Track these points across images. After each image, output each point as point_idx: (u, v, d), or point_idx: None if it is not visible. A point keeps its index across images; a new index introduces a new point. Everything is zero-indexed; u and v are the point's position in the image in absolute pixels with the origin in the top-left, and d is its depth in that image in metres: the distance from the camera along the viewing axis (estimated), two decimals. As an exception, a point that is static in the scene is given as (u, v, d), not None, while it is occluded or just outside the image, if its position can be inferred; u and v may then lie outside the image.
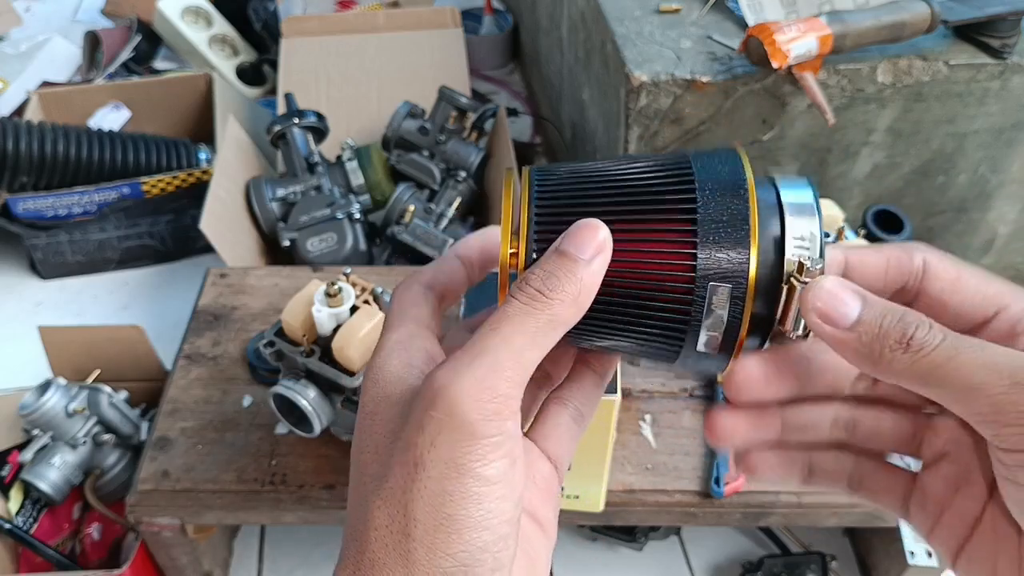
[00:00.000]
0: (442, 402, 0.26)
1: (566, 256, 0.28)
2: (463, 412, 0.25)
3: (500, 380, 0.26)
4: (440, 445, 0.25)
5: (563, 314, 0.27)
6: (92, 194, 1.53)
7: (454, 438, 0.25)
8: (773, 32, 1.03)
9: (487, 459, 0.25)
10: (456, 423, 0.25)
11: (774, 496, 0.92)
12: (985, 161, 1.26)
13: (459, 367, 0.26)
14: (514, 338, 0.27)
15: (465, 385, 0.26)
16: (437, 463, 0.25)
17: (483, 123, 1.53)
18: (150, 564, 1.02)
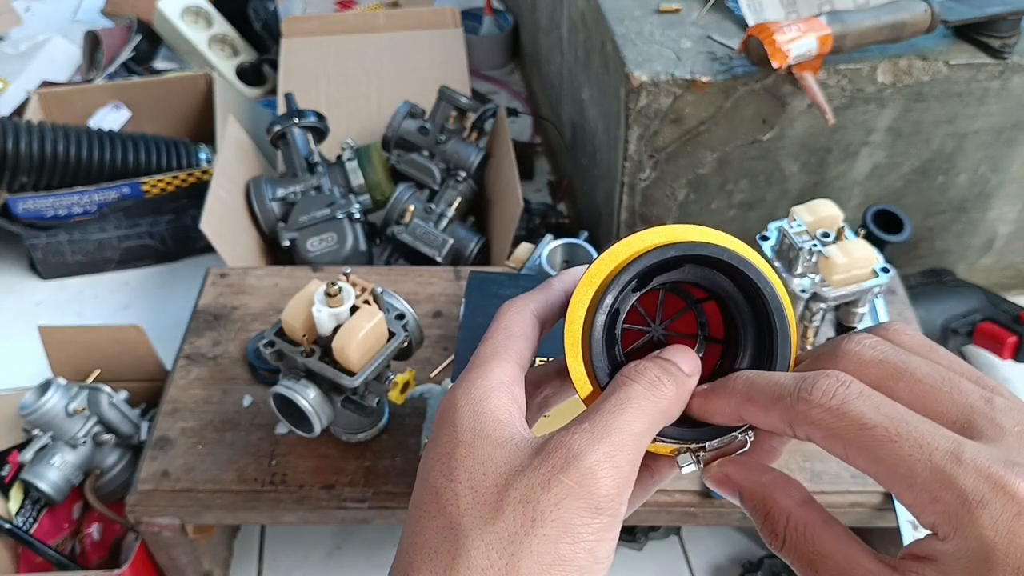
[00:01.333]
0: (575, 469, 0.26)
1: (669, 363, 0.30)
2: (597, 485, 0.26)
3: (624, 461, 0.27)
4: (565, 509, 0.26)
5: (670, 410, 0.29)
6: (92, 194, 1.53)
7: (580, 506, 0.26)
8: (773, 32, 1.03)
9: (602, 537, 0.26)
10: (586, 493, 0.26)
11: (774, 496, 0.92)
12: (985, 161, 1.26)
13: (593, 439, 0.27)
14: (636, 421, 0.28)
15: (598, 458, 0.26)
16: (557, 524, 0.26)
17: (483, 123, 1.53)
18: (150, 564, 1.02)
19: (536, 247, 1.06)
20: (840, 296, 0.94)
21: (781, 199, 1.27)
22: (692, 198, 1.25)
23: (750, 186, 1.25)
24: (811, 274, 0.95)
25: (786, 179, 1.25)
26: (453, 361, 1.04)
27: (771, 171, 1.23)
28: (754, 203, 1.28)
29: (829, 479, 0.93)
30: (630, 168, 1.20)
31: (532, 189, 1.76)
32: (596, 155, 1.37)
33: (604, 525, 0.26)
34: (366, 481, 0.93)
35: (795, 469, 0.94)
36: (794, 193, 1.27)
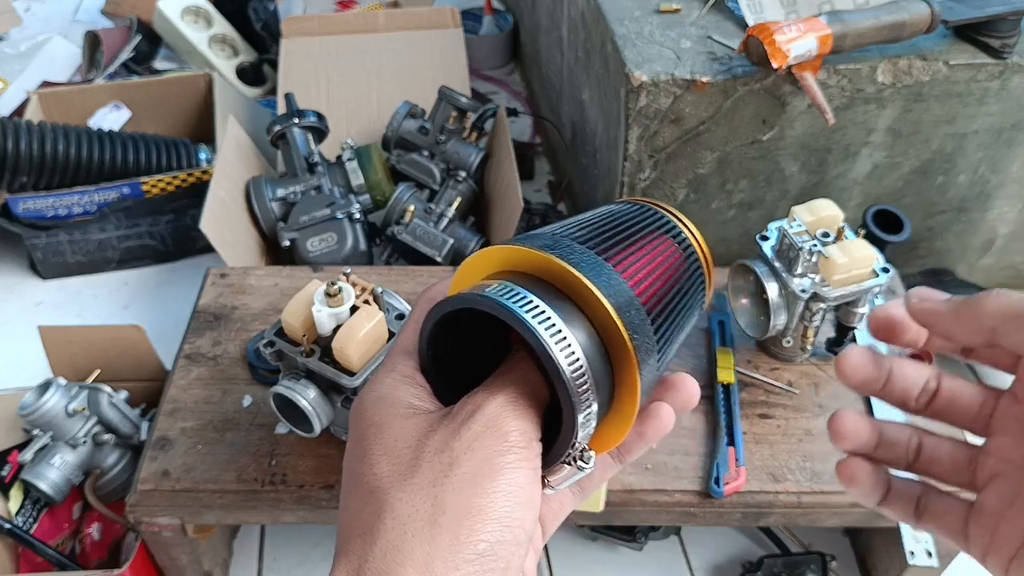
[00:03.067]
0: (481, 416, 0.29)
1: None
2: (501, 423, 0.28)
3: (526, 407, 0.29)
4: (478, 448, 0.28)
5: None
6: (92, 194, 1.53)
7: (490, 443, 0.28)
8: (773, 32, 1.03)
9: (519, 465, 0.28)
10: (493, 432, 0.28)
11: (774, 496, 0.92)
12: (985, 161, 1.26)
13: (493, 391, 0.30)
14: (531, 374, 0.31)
15: (501, 402, 0.29)
16: (472, 461, 0.27)
17: (483, 123, 1.53)
18: (150, 564, 1.02)
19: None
20: (840, 296, 0.95)
21: (781, 199, 1.27)
22: (692, 198, 1.25)
23: (750, 186, 1.25)
24: (811, 274, 0.95)
25: (786, 179, 1.25)
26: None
27: (771, 171, 1.23)
28: (754, 203, 1.28)
29: (829, 478, 0.93)
30: (630, 168, 1.20)
31: (532, 189, 1.76)
32: (596, 155, 1.37)
33: (519, 458, 0.28)
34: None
35: (795, 469, 0.94)
36: (794, 193, 1.27)
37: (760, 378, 1.03)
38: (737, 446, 0.95)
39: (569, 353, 0.28)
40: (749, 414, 0.99)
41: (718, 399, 0.99)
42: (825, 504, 0.92)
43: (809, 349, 1.02)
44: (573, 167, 1.61)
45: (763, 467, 0.94)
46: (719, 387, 1.01)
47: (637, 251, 0.33)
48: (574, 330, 0.28)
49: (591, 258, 0.30)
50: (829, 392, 1.02)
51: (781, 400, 1.01)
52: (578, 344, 0.28)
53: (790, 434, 0.97)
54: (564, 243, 0.30)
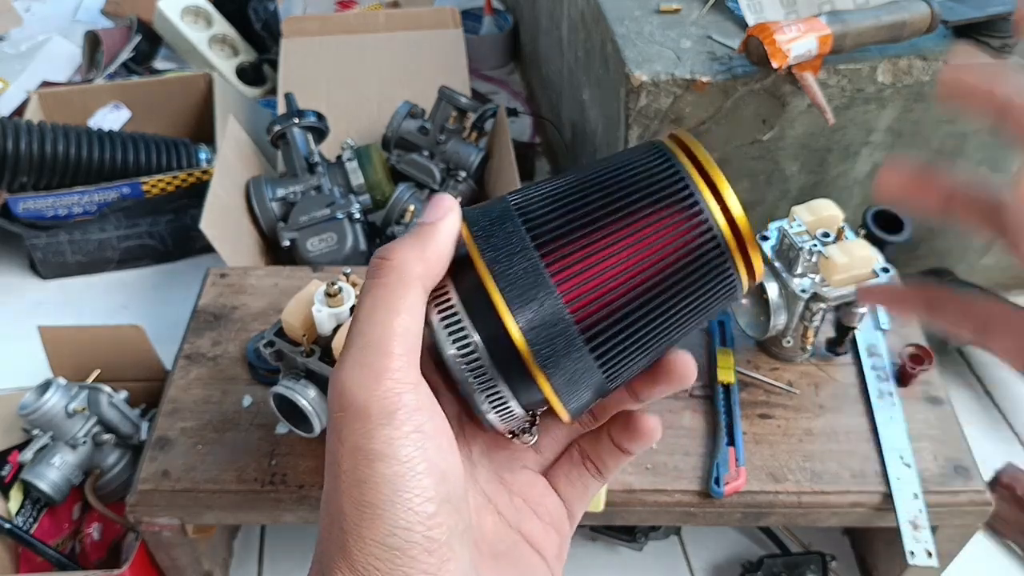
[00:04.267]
0: (339, 398, 0.26)
1: (415, 226, 0.29)
2: (355, 398, 0.25)
3: (381, 356, 0.26)
4: (347, 438, 0.25)
5: (409, 269, 0.27)
6: (92, 194, 1.53)
7: (355, 427, 0.25)
8: (773, 32, 1.03)
9: (392, 438, 0.25)
10: (352, 410, 0.25)
11: (774, 496, 0.92)
12: (985, 161, 1.26)
13: (343, 361, 0.26)
14: (375, 313, 0.26)
15: (351, 373, 0.26)
16: (348, 455, 0.25)
17: (483, 123, 1.53)
18: (150, 564, 1.02)
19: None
20: (840, 296, 0.94)
21: (781, 199, 1.27)
22: (692, 198, 1.25)
23: (750, 186, 1.25)
24: (811, 274, 0.95)
25: (786, 179, 1.25)
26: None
27: (771, 171, 1.23)
28: (754, 203, 1.28)
29: (829, 479, 0.93)
30: (630, 168, 1.20)
31: (532, 189, 1.75)
32: (596, 155, 1.37)
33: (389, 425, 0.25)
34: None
35: (795, 469, 0.94)
36: (794, 193, 1.27)
37: (760, 378, 1.03)
38: (737, 446, 0.95)
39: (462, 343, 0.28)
40: (749, 414, 0.99)
41: (718, 399, 0.99)
42: (825, 504, 0.92)
43: (809, 349, 1.02)
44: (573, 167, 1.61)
45: (763, 467, 0.94)
46: (719, 387, 1.01)
47: (607, 242, 0.28)
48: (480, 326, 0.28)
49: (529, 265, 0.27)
50: (829, 392, 1.02)
51: (781, 400, 1.01)
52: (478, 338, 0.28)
53: (790, 434, 0.97)
54: (512, 240, 0.28)
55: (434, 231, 0.28)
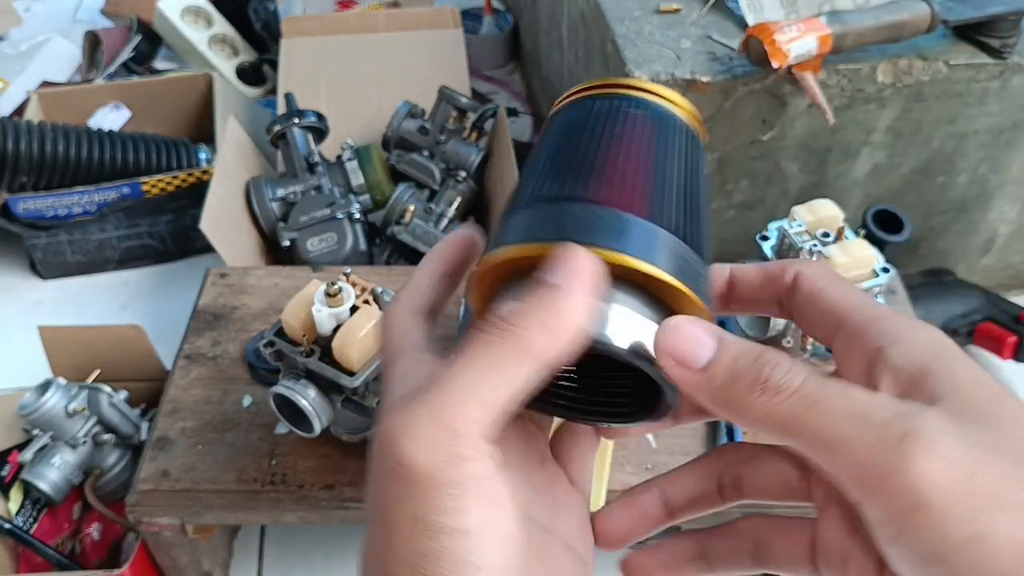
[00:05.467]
0: (394, 450, 0.23)
1: (540, 283, 0.24)
2: (416, 461, 0.23)
3: (457, 419, 0.23)
4: (403, 500, 0.23)
5: (536, 343, 0.24)
6: (92, 194, 1.53)
7: (413, 491, 0.23)
8: (773, 32, 1.03)
9: (457, 510, 0.23)
10: (412, 474, 0.23)
11: (774, 496, 0.92)
12: (985, 161, 1.26)
13: (409, 409, 0.23)
14: (471, 372, 0.23)
15: (415, 429, 0.23)
16: (405, 522, 0.23)
17: (483, 123, 1.53)
18: (150, 564, 1.02)
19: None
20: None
21: (781, 199, 1.27)
22: (692, 198, 1.25)
23: (750, 186, 1.25)
24: (811, 274, 0.95)
25: (786, 179, 1.25)
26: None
27: (771, 171, 1.23)
28: (754, 203, 1.28)
29: (829, 479, 0.93)
30: (630, 168, 1.20)
31: (532, 189, 1.75)
32: (596, 155, 1.37)
33: (454, 496, 0.23)
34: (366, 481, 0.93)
35: (795, 469, 0.94)
36: (794, 193, 1.27)
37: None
38: (737, 446, 0.94)
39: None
40: (749, 414, 0.99)
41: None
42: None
43: (809, 349, 1.02)
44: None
45: (763, 467, 0.94)
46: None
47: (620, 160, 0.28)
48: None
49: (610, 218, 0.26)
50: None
51: (781, 400, 1.01)
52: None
53: (790, 434, 0.97)
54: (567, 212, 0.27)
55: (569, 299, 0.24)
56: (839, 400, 0.23)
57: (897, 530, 0.22)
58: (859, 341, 0.26)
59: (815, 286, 0.28)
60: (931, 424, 0.22)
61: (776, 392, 0.24)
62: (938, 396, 0.23)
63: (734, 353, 0.25)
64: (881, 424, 0.22)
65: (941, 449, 0.22)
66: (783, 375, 0.24)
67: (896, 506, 0.22)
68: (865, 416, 0.22)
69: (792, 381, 0.24)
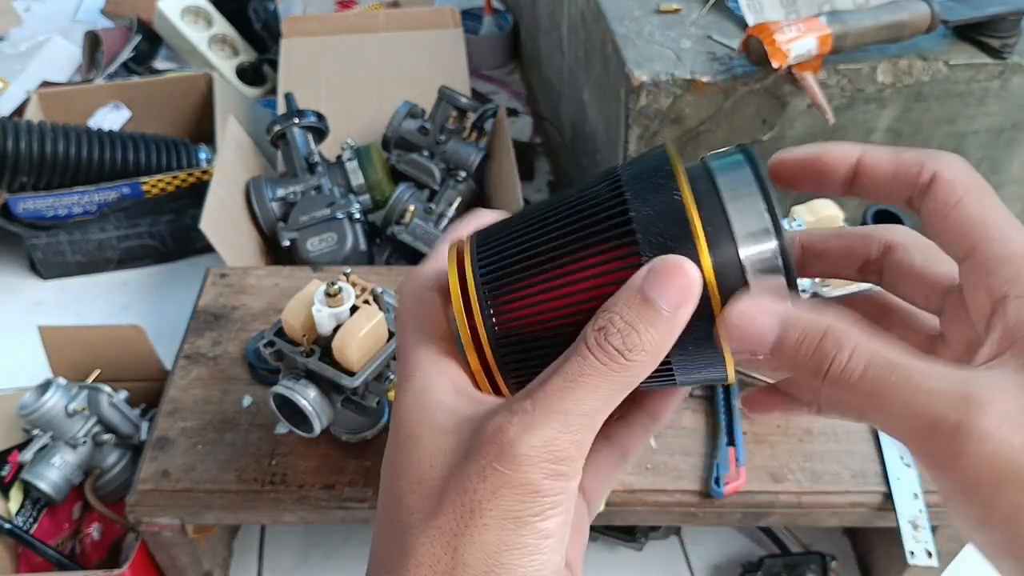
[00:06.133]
0: (510, 458, 0.25)
1: (649, 305, 0.25)
2: (530, 473, 0.25)
3: (569, 443, 0.25)
4: (501, 498, 0.25)
5: (642, 374, 0.26)
6: (92, 194, 1.53)
7: (516, 494, 0.25)
8: (773, 32, 1.03)
9: (545, 515, 0.25)
10: (521, 481, 0.25)
11: (774, 496, 0.92)
12: (985, 161, 1.26)
13: (531, 424, 0.25)
14: (588, 400, 0.25)
15: (535, 445, 0.25)
16: (496, 514, 0.25)
17: (483, 123, 1.53)
18: (150, 564, 1.02)
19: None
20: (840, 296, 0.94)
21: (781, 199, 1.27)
22: (692, 198, 1.25)
23: (750, 186, 1.25)
24: (811, 274, 0.95)
25: (786, 179, 1.25)
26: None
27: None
28: (754, 203, 1.28)
29: (829, 479, 0.93)
30: (630, 168, 1.20)
31: (532, 189, 1.76)
32: (596, 155, 1.37)
33: (549, 504, 0.25)
34: (366, 481, 0.93)
35: (795, 469, 0.94)
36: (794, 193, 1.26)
37: (760, 378, 1.03)
38: (737, 446, 0.94)
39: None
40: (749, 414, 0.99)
41: (718, 399, 0.99)
42: (825, 504, 0.92)
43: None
44: (573, 167, 1.61)
45: (763, 467, 0.94)
46: (719, 387, 1.01)
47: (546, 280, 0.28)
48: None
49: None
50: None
51: (781, 400, 1.01)
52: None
53: (790, 434, 0.97)
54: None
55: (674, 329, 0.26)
56: (898, 389, 0.23)
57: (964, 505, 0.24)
58: (986, 280, 0.26)
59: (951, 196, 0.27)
60: (984, 419, 0.22)
61: (836, 383, 0.24)
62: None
63: (797, 337, 0.25)
64: (937, 418, 0.23)
65: (991, 442, 0.22)
66: (844, 363, 0.24)
67: (954, 489, 0.23)
68: (923, 408, 0.23)
69: (854, 370, 0.24)
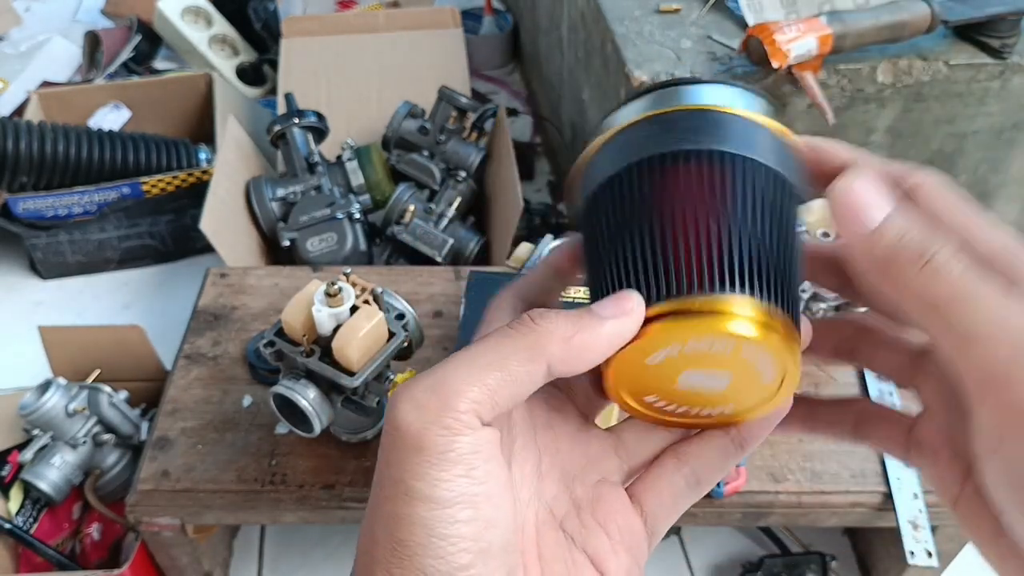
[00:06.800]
0: (392, 414, 0.24)
1: (585, 310, 0.26)
2: (408, 426, 0.24)
3: (451, 393, 0.24)
4: (392, 463, 0.24)
5: (549, 346, 0.25)
6: (92, 194, 1.53)
7: (400, 455, 0.24)
8: (773, 32, 1.03)
9: (436, 478, 0.23)
10: (401, 436, 0.24)
11: (774, 496, 0.92)
12: (985, 161, 1.26)
13: (417, 379, 0.25)
14: (481, 354, 0.25)
15: (414, 396, 0.24)
16: (389, 482, 0.24)
17: (483, 123, 1.53)
18: (150, 564, 1.02)
19: (536, 247, 1.06)
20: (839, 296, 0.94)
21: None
22: (692, 198, 1.25)
23: (750, 186, 1.25)
24: (811, 274, 0.95)
25: (786, 179, 1.25)
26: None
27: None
28: (754, 203, 1.28)
29: (829, 479, 0.93)
30: (630, 168, 1.20)
31: (532, 189, 1.76)
32: (596, 155, 1.37)
33: (436, 464, 0.23)
34: (366, 481, 0.93)
35: (795, 469, 0.94)
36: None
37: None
38: (737, 446, 0.94)
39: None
40: (749, 414, 0.99)
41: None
42: (825, 504, 0.92)
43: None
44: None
45: (763, 467, 0.94)
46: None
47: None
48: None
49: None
50: (829, 392, 1.02)
51: (781, 400, 1.01)
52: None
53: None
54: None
55: (598, 327, 0.25)
56: (992, 299, 0.23)
57: (1001, 438, 0.23)
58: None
59: (932, 206, 0.26)
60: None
61: (936, 273, 0.24)
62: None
63: (906, 223, 0.25)
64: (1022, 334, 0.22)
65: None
66: (947, 257, 0.24)
67: (1009, 414, 0.22)
68: (1013, 324, 0.22)
69: (955, 266, 0.24)
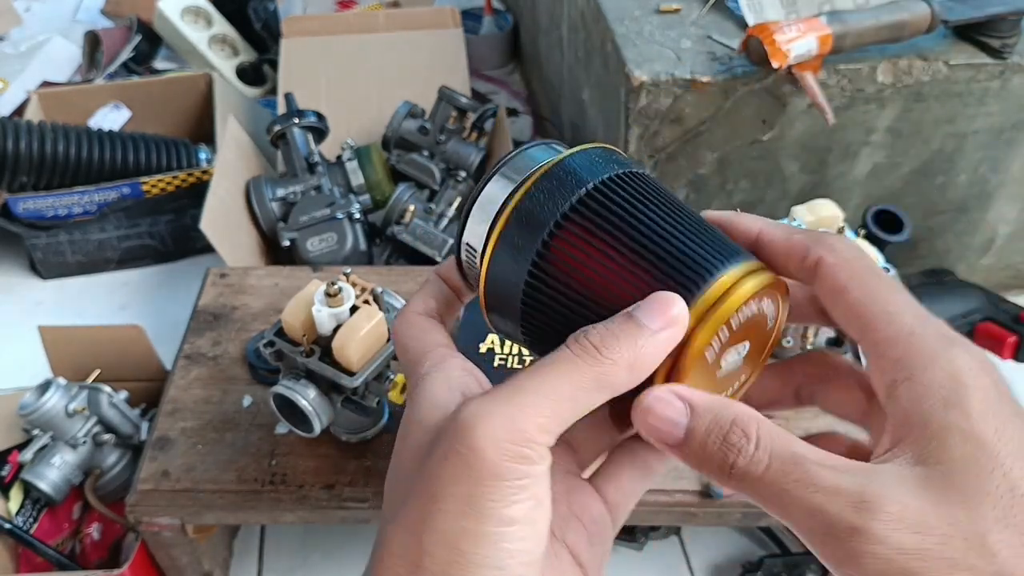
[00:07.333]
0: (468, 437, 0.25)
1: (631, 321, 0.26)
2: (487, 453, 0.25)
3: (530, 424, 0.25)
4: (460, 481, 0.25)
5: (613, 377, 0.26)
6: (92, 194, 1.53)
7: (475, 476, 0.25)
8: (773, 32, 1.03)
9: (508, 500, 0.25)
10: (479, 462, 0.25)
11: (774, 496, 0.92)
12: (985, 161, 1.26)
13: (492, 404, 0.25)
14: (554, 386, 0.26)
15: (494, 424, 0.25)
16: (455, 499, 0.25)
17: (483, 123, 1.53)
18: (150, 564, 1.02)
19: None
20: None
21: (781, 199, 1.27)
22: (692, 198, 1.25)
23: (750, 186, 1.25)
24: (811, 274, 0.95)
25: (786, 179, 1.25)
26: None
27: (771, 171, 1.23)
28: (754, 203, 1.28)
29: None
30: (630, 168, 1.20)
31: (532, 189, 1.75)
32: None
33: (511, 488, 0.25)
34: (366, 481, 0.93)
35: (795, 469, 0.94)
36: (794, 193, 1.27)
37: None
38: (737, 446, 0.94)
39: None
40: (749, 414, 0.99)
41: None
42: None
43: (809, 349, 1.02)
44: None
45: (763, 467, 0.94)
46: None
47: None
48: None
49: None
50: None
51: (781, 400, 1.01)
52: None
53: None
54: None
55: (652, 342, 0.26)
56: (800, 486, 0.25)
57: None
58: (879, 363, 0.27)
59: (836, 282, 0.28)
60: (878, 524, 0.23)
61: (741, 479, 0.26)
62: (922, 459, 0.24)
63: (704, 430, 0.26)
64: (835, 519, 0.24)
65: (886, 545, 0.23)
66: (748, 459, 0.26)
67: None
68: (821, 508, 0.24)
69: (757, 467, 0.26)
